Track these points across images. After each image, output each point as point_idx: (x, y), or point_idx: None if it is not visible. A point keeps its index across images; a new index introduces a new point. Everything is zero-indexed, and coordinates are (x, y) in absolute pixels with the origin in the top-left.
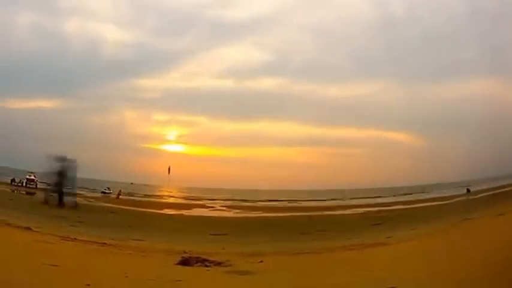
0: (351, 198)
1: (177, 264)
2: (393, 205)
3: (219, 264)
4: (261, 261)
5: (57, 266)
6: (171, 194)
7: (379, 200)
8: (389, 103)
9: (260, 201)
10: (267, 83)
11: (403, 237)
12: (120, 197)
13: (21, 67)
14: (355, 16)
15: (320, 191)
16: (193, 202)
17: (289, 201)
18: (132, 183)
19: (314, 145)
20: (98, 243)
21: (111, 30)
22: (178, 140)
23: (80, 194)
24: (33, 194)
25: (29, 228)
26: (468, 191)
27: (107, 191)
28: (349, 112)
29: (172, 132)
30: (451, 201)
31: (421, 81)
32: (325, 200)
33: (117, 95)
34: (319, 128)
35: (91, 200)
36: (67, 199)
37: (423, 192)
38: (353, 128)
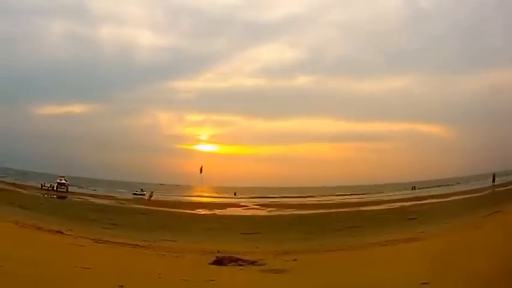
0: (387, 193)
1: (211, 264)
2: (427, 199)
3: (252, 263)
4: (295, 260)
5: (89, 268)
6: (204, 194)
7: (413, 194)
8: (421, 95)
9: (293, 197)
10: (301, 81)
11: (436, 232)
12: (152, 198)
13: (55, 74)
14: (384, 12)
15: (355, 187)
16: (226, 201)
17: (324, 197)
18: (161, 184)
19: (348, 141)
20: (130, 244)
21: (146, 35)
22: (212, 140)
23: (111, 196)
24: (65, 197)
25: (60, 232)
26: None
27: (138, 193)
28: (381, 106)
29: (206, 132)
30: (483, 193)
31: (451, 73)
32: (359, 196)
33: (152, 98)
34: (352, 123)
35: (123, 202)
36: None
37: (457, 184)
38: (386, 122)
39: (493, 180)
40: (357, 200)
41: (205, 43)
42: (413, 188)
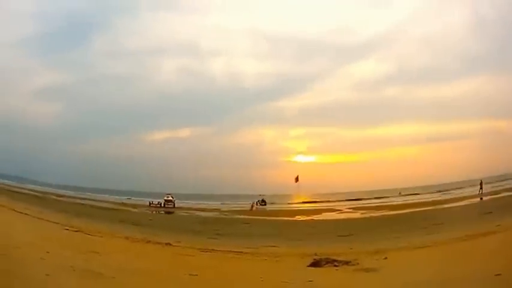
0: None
1: (309, 266)
2: (502, 192)
3: (347, 263)
4: (386, 258)
5: (196, 275)
6: (302, 202)
7: (490, 189)
8: (493, 94)
9: (384, 199)
10: (389, 92)
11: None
12: (254, 208)
13: (167, 105)
14: (452, 22)
15: (441, 185)
16: (322, 207)
17: (412, 197)
18: (260, 195)
19: (433, 141)
20: (234, 252)
21: (251, 64)
22: (311, 151)
23: (216, 209)
24: (172, 213)
25: (169, 244)
26: None
27: (260, 203)
28: (460, 107)
29: (305, 144)
30: None
31: None
32: (444, 193)
33: (257, 118)
34: (436, 125)
35: (227, 213)
36: None
37: None
38: (467, 122)
39: None
40: (441, 198)
41: (304, 66)
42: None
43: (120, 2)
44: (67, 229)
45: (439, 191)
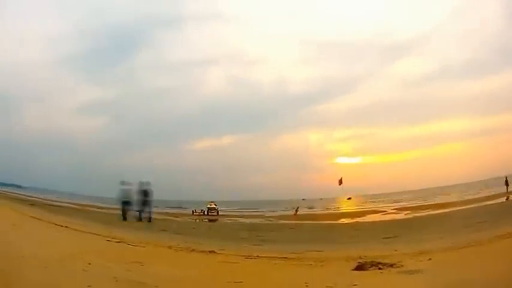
0: None
1: (354, 269)
2: None
3: (391, 266)
4: (430, 259)
5: (241, 282)
6: (346, 204)
7: None
8: None
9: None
10: (433, 89)
11: None
12: (298, 213)
13: (211, 114)
14: (493, 17)
15: (488, 180)
16: (366, 209)
17: (455, 195)
18: (303, 199)
19: (481, 136)
20: (279, 258)
21: (295, 69)
22: (356, 152)
23: (260, 215)
24: (215, 220)
25: (213, 252)
26: None
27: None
28: (503, 99)
29: (350, 146)
30: None
31: None
32: (487, 190)
33: (302, 122)
34: (481, 119)
35: (271, 219)
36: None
37: None
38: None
39: None
40: (483, 195)
41: (348, 69)
42: None
43: (164, 14)
44: (109, 240)
45: (485, 188)
